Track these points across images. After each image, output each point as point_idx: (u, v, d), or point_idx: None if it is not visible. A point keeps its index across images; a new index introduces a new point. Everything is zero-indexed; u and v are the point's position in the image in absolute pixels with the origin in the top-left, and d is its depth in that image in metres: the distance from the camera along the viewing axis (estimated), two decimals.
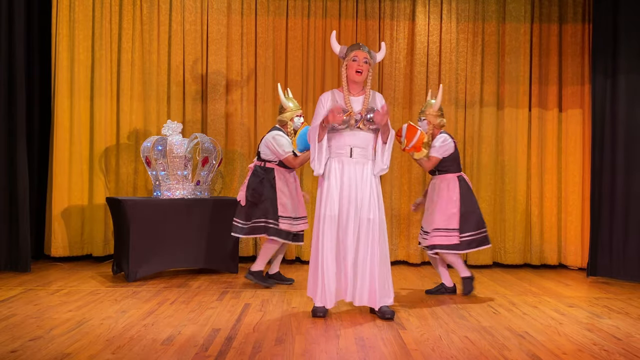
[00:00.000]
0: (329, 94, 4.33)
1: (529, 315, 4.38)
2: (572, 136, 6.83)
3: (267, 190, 5.15)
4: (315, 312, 4.21)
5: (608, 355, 3.42)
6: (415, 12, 6.86)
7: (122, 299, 4.68)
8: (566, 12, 6.87)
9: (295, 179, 5.33)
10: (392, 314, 4.18)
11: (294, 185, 5.28)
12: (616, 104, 5.89)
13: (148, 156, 5.76)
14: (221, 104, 6.75)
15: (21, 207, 5.73)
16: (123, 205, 5.39)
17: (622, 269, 5.82)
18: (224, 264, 5.88)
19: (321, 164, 4.25)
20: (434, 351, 3.42)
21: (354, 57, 4.24)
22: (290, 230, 5.16)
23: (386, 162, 4.27)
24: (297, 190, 5.30)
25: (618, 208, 5.85)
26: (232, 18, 6.81)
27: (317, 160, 4.25)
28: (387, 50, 6.80)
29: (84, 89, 6.61)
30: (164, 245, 5.54)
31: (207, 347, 3.41)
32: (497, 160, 6.84)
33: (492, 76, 6.87)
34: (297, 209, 5.23)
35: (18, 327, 3.76)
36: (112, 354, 3.25)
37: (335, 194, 4.20)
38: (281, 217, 5.13)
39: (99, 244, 6.59)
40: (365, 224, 4.17)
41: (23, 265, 5.74)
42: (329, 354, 3.35)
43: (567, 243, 6.80)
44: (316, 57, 6.84)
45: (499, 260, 6.82)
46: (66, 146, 6.53)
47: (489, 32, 6.88)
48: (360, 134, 4.23)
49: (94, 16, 6.65)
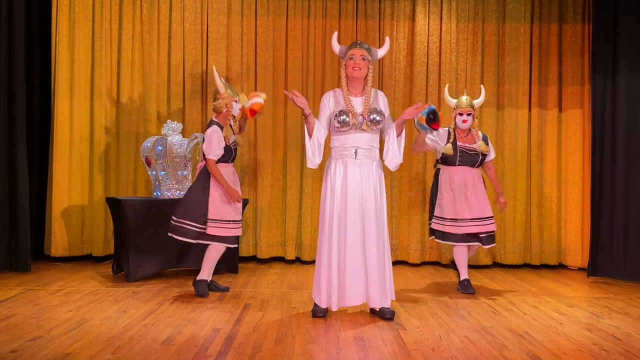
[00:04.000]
0: (330, 93, 4.32)
1: (529, 315, 4.38)
2: (572, 136, 6.83)
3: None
4: (315, 312, 4.21)
5: (608, 355, 3.42)
6: (415, 12, 6.86)
7: (122, 299, 4.68)
8: (566, 12, 6.87)
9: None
10: (392, 314, 4.18)
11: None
12: (616, 104, 5.89)
13: (148, 156, 5.76)
14: None
15: (21, 207, 5.73)
16: (123, 205, 5.39)
17: (622, 269, 5.81)
18: (223, 264, 5.87)
19: (315, 156, 4.23)
20: (434, 351, 3.42)
21: (351, 55, 4.22)
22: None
23: (402, 155, 4.28)
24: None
25: (618, 208, 5.84)
26: (232, 18, 6.81)
27: (310, 155, 4.23)
28: (387, 50, 6.79)
29: (84, 89, 6.61)
30: (164, 245, 5.53)
31: (207, 347, 3.41)
32: (497, 161, 6.83)
33: (492, 76, 6.87)
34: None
35: (18, 327, 3.76)
36: (112, 354, 3.25)
37: (340, 196, 4.18)
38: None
39: (99, 244, 6.59)
40: (369, 226, 4.16)
41: (23, 265, 5.74)
42: (329, 354, 3.35)
43: (567, 243, 6.80)
44: (316, 57, 6.84)
45: (499, 260, 6.82)
46: (66, 146, 6.53)
47: (489, 32, 6.88)
48: (365, 135, 4.21)
49: (94, 16, 6.65)
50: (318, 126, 4.21)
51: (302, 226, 6.74)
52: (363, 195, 4.18)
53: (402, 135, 4.27)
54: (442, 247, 6.73)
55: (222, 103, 4.87)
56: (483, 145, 5.23)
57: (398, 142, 4.25)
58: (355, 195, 4.17)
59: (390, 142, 4.26)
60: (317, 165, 4.31)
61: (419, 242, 6.76)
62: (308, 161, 4.28)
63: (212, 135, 4.79)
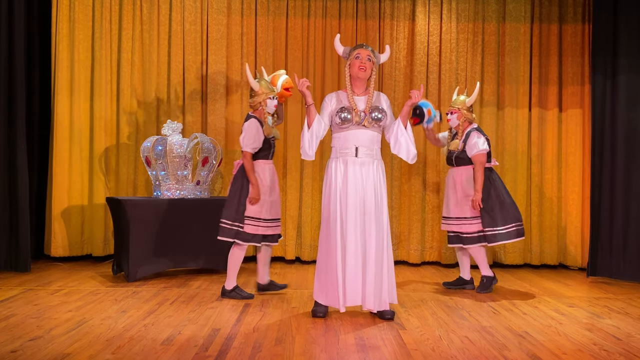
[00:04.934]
0: (333, 94, 4.32)
1: (529, 315, 4.38)
2: (572, 136, 6.83)
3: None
4: (315, 312, 4.21)
5: (608, 355, 3.42)
6: (415, 12, 6.86)
7: (122, 299, 4.68)
8: (566, 12, 6.87)
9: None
10: (392, 314, 4.18)
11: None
12: (616, 104, 5.89)
13: (148, 156, 5.76)
14: (221, 104, 6.75)
15: (21, 207, 5.73)
16: (123, 205, 5.39)
17: (622, 269, 5.82)
18: (224, 264, 5.86)
19: (310, 147, 4.20)
20: (434, 351, 3.42)
21: (357, 54, 4.22)
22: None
23: (414, 145, 4.26)
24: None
25: (618, 208, 5.84)
26: (232, 18, 6.81)
27: (306, 145, 4.19)
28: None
29: (84, 89, 6.61)
30: (164, 245, 5.54)
31: (207, 347, 3.41)
32: (497, 160, 6.84)
33: (492, 76, 6.87)
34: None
35: (18, 327, 3.76)
36: (112, 354, 3.25)
37: (340, 195, 4.17)
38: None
39: (99, 244, 6.59)
40: (369, 225, 4.15)
41: (23, 265, 5.74)
42: (329, 354, 3.35)
43: (567, 243, 6.80)
44: (316, 57, 6.84)
45: (499, 260, 6.82)
46: (66, 146, 6.54)
47: (489, 32, 6.88)
48: (366, 133, 4.21)
49: (94, 16, 6.65)
50: (318, 119, 4.21)
51: (302, 226, 6.74)
52: (363, 194, 4.17)
53: (409, 127, 4.28)
54: (442, 247, 6.73)
55: (258, 100, 4.84)
56: (454, 143, 5.23)
57: (408, 135, 4.25)
58: (356, 194, 4.16)
59: (399, 135, 4.23)
60: (312, 157, 4.26)
61: (419, 242, 6.76)
62: (303, 153, 4.25)
63: (249, 127, 4.71)
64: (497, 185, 5.18)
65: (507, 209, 5.12)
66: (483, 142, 5.13)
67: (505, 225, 5.09)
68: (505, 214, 5.10)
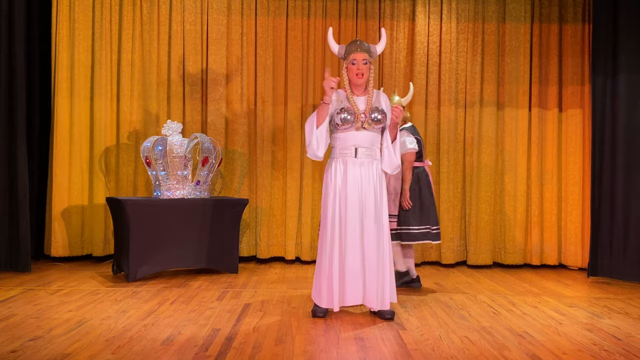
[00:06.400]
0: (333, 94, 4.32)
1: (529, 315, 4.38)
2: (572, 136, 6.83)
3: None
4: (315, 312, 4.21)
5: (608, 355, 3.42)
6: (415, 12, 6.86)
7: (122, 299, 4.68)
8: (566, 12, 6.87)
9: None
10: (392, 314, 4.18)
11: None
12: (616, 104, 5.89)
13: (148, 156, 5.76)
14: (221, 104, 6.75)
15: (21, 207, 5.73)
16: (123, 205, 5.39)
17: (622, 269, 5.82)
18: (224, 264, 5.89)
19: (320, 147, 4.16)
20: (434, 351, 3.42)
21: (352, 60, 4.21)
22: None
23: (398, 158, 4.28)
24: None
25: (618, 208, 5.85)
26: (232, 18, 6.81)
27: (315, 144, 4.15)
28: (387, 50, 6.81)
29: (84, 89, 6.61)
30: (164, 245, 5.54)
31: (207, 347, 3.41)
32: (497, 160, 6.85)
33: (492, 76, 6.87)
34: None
35: (18, 327, 3.76)
36: (112, 354, 3.25)
37: (340, 196, 4.18)
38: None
39: (99, 244, 6.59)
40: (369, 226, 4.15)
41: (23, 265, 5.74)
42: (329, 354, 3.35)
43: (567, 243, 6.80)
44: (316, 57, 6.84)
45: (499, 260, 6.82)
46: (66, 146, 6.54)
47: (489, 32, 6.88)
48: (366, 134, 4.21)
49: (94, 16, 6.65)
50: (326, 126, 4.19)
51: (302, 226, 6.74)
52: (363, 194, 4.17)
53: (397, 139, 4.28)
54: (442, 247, 6.73)
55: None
56: None
57: (393, 147, 4.26)
58: (355, 194, 4.16)
59: (384, 146, 4.27)
60: (320, 157, 4.22)
61: None
62: (310, 151, 4.19)
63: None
64: (422, 186, 5.24)
65: (425, 211, 5.18)
66: (411, 142, 5.17)
67: (420, 226, 5.15)
68: (423, 216, 5.17)
